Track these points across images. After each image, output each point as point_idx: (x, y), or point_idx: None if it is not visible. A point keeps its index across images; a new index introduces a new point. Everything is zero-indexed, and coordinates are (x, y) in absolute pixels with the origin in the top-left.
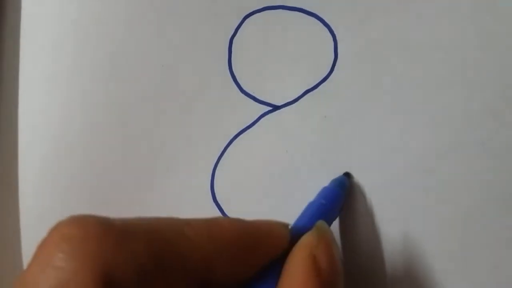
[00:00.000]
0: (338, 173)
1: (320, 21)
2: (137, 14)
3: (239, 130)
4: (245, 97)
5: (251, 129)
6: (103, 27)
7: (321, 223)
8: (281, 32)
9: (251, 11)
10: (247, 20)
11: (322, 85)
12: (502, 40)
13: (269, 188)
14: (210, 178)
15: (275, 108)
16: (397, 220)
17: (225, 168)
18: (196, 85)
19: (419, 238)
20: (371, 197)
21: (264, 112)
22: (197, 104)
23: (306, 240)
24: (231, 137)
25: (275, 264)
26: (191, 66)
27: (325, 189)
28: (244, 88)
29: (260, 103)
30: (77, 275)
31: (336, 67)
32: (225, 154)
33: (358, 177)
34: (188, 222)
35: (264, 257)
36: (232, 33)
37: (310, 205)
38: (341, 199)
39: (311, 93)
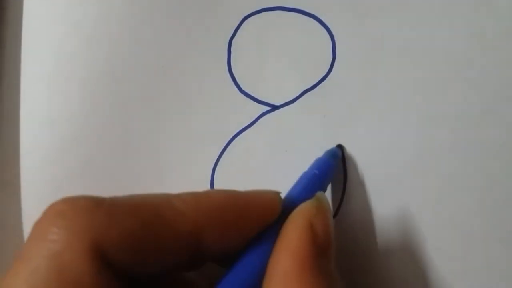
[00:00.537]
0: (337, 173)
1: (318, 22)
2: (137, 16)
3: (238, 130)
4: (244, 97)
5: (250, 129)
6: (103, 29)
7: (321, 194)
8: (279, 33)
9: (249, 12)
10: (245, 21)
11: (320, 85)
12: (500, 40)
13: (268, 188)
14: (210, 178)
15: (274, 108)
16: (395, 219)
17: (225, 168)
18: (195, 86)
19: (417, 237)
20: (368, 197)
21: (263, 112)
22: (196, 105)
23: (306, 208)
24: (231, 137)
25: (269, 232)
26: (191, 67)
27: (318, 160)
28: (243, 88)
29: (259, 103)
30: (69, 246)
31: (334, 67)
32: (225, 154)
33: (355, 176)
34: (177, 195)
35: (256, 224)
36: (231, 34)
37: (304, 175)
38: (333, 169)
39: (309, 93)
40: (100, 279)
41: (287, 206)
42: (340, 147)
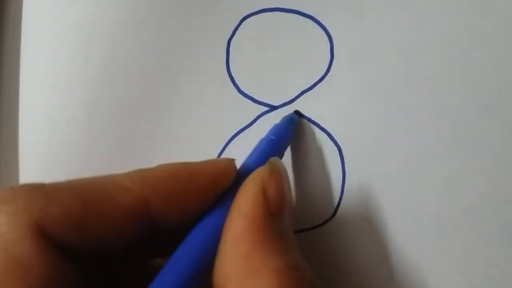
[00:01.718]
0: (336, 172)
1: (316, 23)
2: (136, 17)
3: (237, 130)
4: (243, 97)
5: (249, 129)
6: (103, 30)
7: (274, 158)
8: (278, 33)
9: (248, 13)
10: (244, 22)
11: (318, 85)
12: (499, 38)
13: None
14: None
15: (273, 108)
16: (393, 219)
17: None
18: (194, 86)
19: (416, 237)
20: (367, 195)
21: (262, 113)
22: (195, 105)
23: (258, 173)
24: (229, 137)
25: (224, 200)
26: (190, 67)
27: (275, 126)
28: (242, 89)
29: (257, 103)
30: (11, 227)
31: (332, 67)
32: (223, 154)
33: (355, 176)
34: (124, 173)
35: (208, 193)
36: (230, 34)
37: (261, 141)
38: (290, 134)
39: (307, 93)
40: (45, 256)
41: (244, 173)
42: (297, 113)
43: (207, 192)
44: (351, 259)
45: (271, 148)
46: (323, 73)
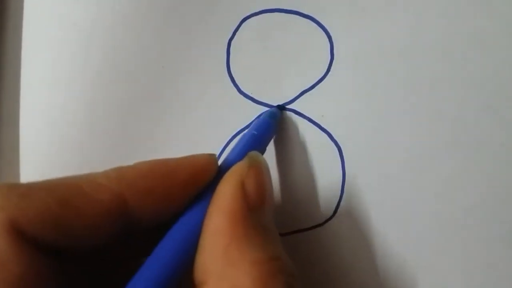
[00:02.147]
0: (336, 172)
1: (316, 23)
2: (137, 17)
3: (237, 131)
4: (243, 98)
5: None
6: (103, 30)
7: (253, 152)
8: (278, 34)
9: (248, 14)
10: (244, 23)
11: (319, 85)
12: (498, 39)
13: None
14: None
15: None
16: (393, 219)
17: None
18: (195, 87)
19: (416, 236)
20: (367, 195)
21: (262, 113)
22: (196, 105)
23: (236, 167)
24: (230, 137)
25: (204, 195)
26: (191, 68)
27: (257, 121)
28: (242, 89)
29: (258, 103)
30: None
31: (332, 67)
32: (224, 154)
33: (355, 176)
34: (101, 172)
35: (188, 189)
36: (230, 35)
37: (243, 136)
38: (273, 129)
39: (308, 93)
40: (21, 254)
41: (225, 168)
42: (279, 107)
43: (187, 188)
44: (351, 258)
45: (253, 142)
46: (323, 74)
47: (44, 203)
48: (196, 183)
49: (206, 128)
